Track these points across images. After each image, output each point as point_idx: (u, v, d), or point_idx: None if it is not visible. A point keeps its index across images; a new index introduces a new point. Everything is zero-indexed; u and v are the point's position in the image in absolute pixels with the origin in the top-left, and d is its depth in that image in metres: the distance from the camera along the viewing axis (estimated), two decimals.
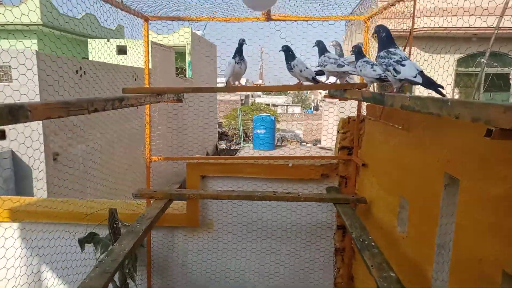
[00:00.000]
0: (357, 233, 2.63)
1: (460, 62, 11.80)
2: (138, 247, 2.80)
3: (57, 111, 1.58)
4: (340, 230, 3.82)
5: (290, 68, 2.98)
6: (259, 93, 35.31)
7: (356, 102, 3.50)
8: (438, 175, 2.12)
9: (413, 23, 2.72)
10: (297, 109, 31.40)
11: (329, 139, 16.13)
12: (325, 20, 3.41)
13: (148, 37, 3.52)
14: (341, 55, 3.15)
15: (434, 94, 1.85)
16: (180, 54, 15.56)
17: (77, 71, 8.25)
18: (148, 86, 3.44)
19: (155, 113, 3.99)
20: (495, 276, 1.59)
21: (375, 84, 2.74)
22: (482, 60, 7.98)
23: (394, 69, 1.94)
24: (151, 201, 3.42)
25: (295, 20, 3.48)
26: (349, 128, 3.71)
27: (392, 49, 2.05)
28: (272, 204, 3.75)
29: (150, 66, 3.69)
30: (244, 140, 22.26)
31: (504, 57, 11.25)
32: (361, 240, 2.52)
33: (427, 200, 2.26)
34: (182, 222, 3.80)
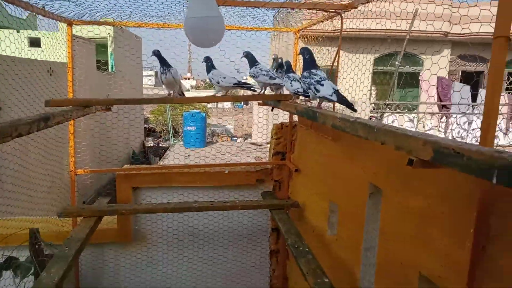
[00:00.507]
0: (292, 239, 2.78)
1: (377, 61, 12.84)
2: (68, 275, 2.64)
3: None
4: (275, 233, 3.99)
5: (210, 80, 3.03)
6: (188, 87, 34.69)
7: None
8: (364, 184, 2.34)
9: (340, 41, 2.92)
10: (227, 104, 31.43)
11: (260, 134, 16.50)
12: (257, 30, 3.49)
13: (71, 41, 3.29)
14: (281, 65, 3.27)
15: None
16: (101, 46, 14.61)
17: None
18: (72, 98, 3.22)
19: (80, 122, 3.75)
20: (413, 278, 1.83)
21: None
22: (396, 62, 8.82)
23: (315, 88, 2.28)
24: (79, 220, 3.23)
25: (229, 29, 3.51)
26: (282, 134, 3.86)
27: (313, 70, 2.38)
28: (209, 212, 3.78)
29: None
30: (174, 137, 21.74)
31: (414, 57, 12.50)
32: (296, 246, 2.67)
33: (354, 206, 2.48)
34: (112, 238, 3.65)
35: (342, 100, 2.23)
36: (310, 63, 2.47)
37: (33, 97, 7.66)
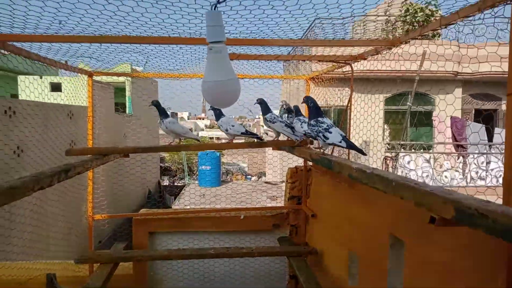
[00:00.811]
0: None
1: (388, 101, 12.91)
2: None
3: (2, 199, 1.49)
4: (293, 280, 3.87)
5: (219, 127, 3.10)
6: (203, 126, 35.27)
7: None
8: (384, 234, 2.28)
9: (351, 87, 2.97)
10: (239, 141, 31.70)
11: (274, 172, 16.44)
12: (270, 78, 3.60)
13: (92, 92, 3.43)
14: (290, 109, 3.34)
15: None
16: (119, 90, 15.17)
17: (5, 112, 7.65)
18: (92, 147, 3.32)
19: (99, 168, 3.83)
20: None
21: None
22: (408, 102, 8.85)
23: (324, 136, 2.36)
24: (95, 266, 3.21)
25: (242, 78, 3.63)
26: (297, 178, 3.85)
27: (320, 118, 2.46)
28: (225, 258, 3.71)
29: (87, 104, 3.58)
30: (189, 176, 21.84)
31: (426, 97, 12.54)
32: None
33: (375, 257, 2.41)
34: (128, 284, 3.60)
35: (351, 145, 2.31)
36: (315, 111, 2.54)
37: (54, 139, 7.90)
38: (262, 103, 3.13)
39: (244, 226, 3.73)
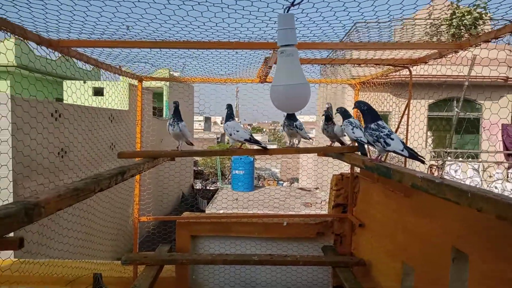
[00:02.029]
0: None
1: (431, 107, 12.44)
2: None
3: (68, 200, 1.52)
4: None
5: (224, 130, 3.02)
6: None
7: None
8: (445, 247, 2.15)
9: (410, 92, 2.86)
10: (273, 147, 31.68)
11: (308, 179, 16.24)
12: (318, 83, 3.53)
13: (141, 97, 3.51)
14: (328, 117, 3.26)
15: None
16: (157, 94, 15.60)
17: (52, 114, 8.04)
18: (140, 150, 3.38)
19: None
20: None
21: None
22: (456, 108, 8.46)
23: (385, 142, 2.26)
24: (141, 268, 3.26)
25: None
26: (343, 185, 3.75)
27: (380, 123, 2.36)
28: (267, 266, 3.66)
29: (127, 108, 3.65)
30: (222, 179, 22.04)
31: (473, 103, 11.98)
32: None
33: (434, 271, 2.28)
34: (170, 287, 3.62)
35: (413, 155, 2.21)
36: (371, 115, 2.43)
37: (95, 142, 8.19)
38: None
39: (287, 233, 3.66)
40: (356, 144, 3.02)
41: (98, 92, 14.34)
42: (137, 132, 3.54)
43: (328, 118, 3.03)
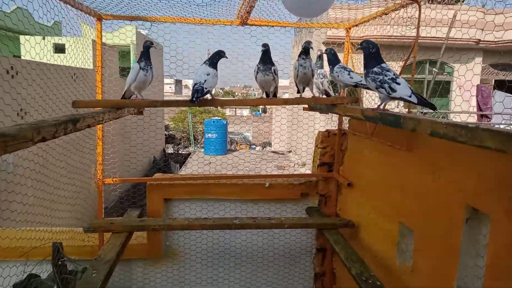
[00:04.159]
0: (356, 269, 2.31)
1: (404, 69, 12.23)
2: None
3: None
4: (320, 254, 3.52)
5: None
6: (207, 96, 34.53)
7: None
8: (457, 206, 1.86)
9: (417, 34, 2.47)
10: (245, 112, 31.13)
11: (281, 142, 16.03)
12: (305, 27, 3.07)
13: (101, 38, 2.93)
14: (320, 56, 2.87)
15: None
16: (124, 53, 14.51)
17: (7, 72, 7.14)
18: (101, 99, 2.86)
19: (109, 126, 3.39)
20: None
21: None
22: (434, 69, 8.26)
23: (390, 87, 1.93)
24: (108, 236, 2.83)
25: (272, 26, 3.11)
26: (329, 143, 3.41)
27: (384, 65, 2.01)
28: (247, 229, 3.34)
29: (92, 66, 3.09)
30: (194, 144, 21.52)
31: (444, 66, 11.89)
32: (363, 278, 2.20)
33: (440, 232, 2.00)
34: (141, 254, 3.25)
35: (423, 101, 1.93)
36: (375, 57, 2.07)
37: (57, 103, 7.41)
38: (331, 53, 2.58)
39: (269, 194, 3.33)
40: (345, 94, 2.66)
41: (59, 49, 13.13)
42: (97, 80, 2.99)
43: (307, 52, 2.54)
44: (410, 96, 1.90)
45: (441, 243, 1.98)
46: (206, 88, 2.31)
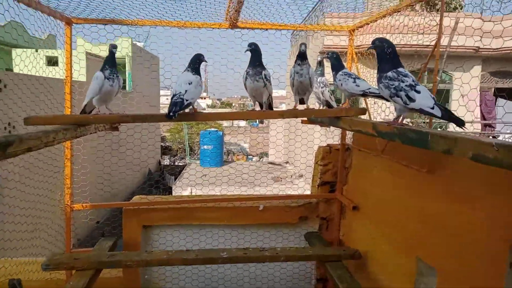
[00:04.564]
0: None
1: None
2: None
3: None
4: (320, 284, 3.07)
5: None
6: (204, 105, 34.28)
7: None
8: (498, 246, 1.44)
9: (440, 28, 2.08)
10: (242, 122, 30.76)
11: (278, 153, 15.61)
12: (303, 30, 2.69)
13: (70, 45, 2.53)
14: (321, 62, 2.49)
15: None
16: (119, 66, 14.18)
17: None
18: (68, 114, 2.44)
19: (79, 145, 2.96)
20: None
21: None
22: (438, 78, 7.92)
23: (407, 96, 1.56)
24: (72, 273, 2.38)
25: (266, 29, 2.72)
26: (331, 159, 2.99)
27: (401, 70, 1.64)
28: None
29: (85, 79, 2.68)
30: (190, 155, 21.08)
31: (443, 74, 11.58)
32: None
33: (475, 276, 1.58)
34: None
35: (449, 115, 1.51)
36: (393, 59, 1.68)
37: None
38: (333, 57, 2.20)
39: (263, 218, 2.89)
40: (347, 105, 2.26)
41: (52, 61, 12.77)
42: (66, 93, 2.58)
43: (303, 56, 2.13)
44: (432, 108, 1.49)
45: (470, 284, 1.56)
46: (187, 100, 1.89)
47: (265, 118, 2.18)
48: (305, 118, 2.63)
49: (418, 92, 1.55)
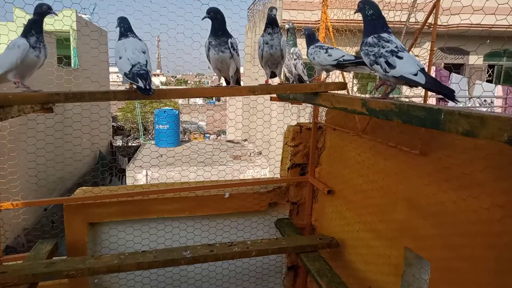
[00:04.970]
0: None
1: (358, 53, 11.98)
2: None
3: None
4: (291, 272, 2.86)
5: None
6: (158, 83, 32.76)
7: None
8: (504, 239, 1.25)
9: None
10: (199, 100, 29.87)
11: (237, 130, 15.29)
12: None
13: None
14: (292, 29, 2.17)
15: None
16: (63, 40, 12.81)
17: None
18: None
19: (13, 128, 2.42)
20: None
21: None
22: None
23: (387, 62, 1.37)
24: None
25: None
26: (302, 140, 2.71)
27: (384, 35, 1.44)
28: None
29: None
30: (144, 135, 20.14)
31: None
32: None
33: (473, 267, 1.38)
34: None
35: (435, 84, 1.31)
36: (377, 23, 1.48)
37: None
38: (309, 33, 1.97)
39: (229, 207, 2.57)
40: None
41: None
42: None
43: (274, 22, 1.81)
44: (415, 75, 1.29)
45: (469, 279, 1.37)
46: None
47: (234, 95, 1.83)
48: (275, 95, 2.31)
49: (401, 58, 1.34)
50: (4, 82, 1.61)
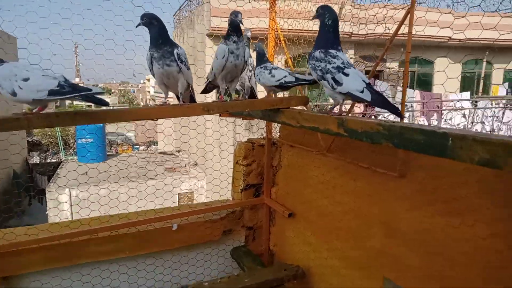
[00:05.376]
0: None
1: (296, 62, 12.23)
2: None
3: None
4: None
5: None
6: None
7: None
8: (500, 272, 1.13)
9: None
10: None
11: (169, 140, 14.61)
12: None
13: None
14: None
15: None
16: None
17: None
18: None
19: None
20: None
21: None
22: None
23: (334, 79, 1.34)
24: None
25: None
26: (255, 158, 2.46)
27: (332, 51, 1.39)
28: None
29: None
30: (65, 149, 18.31)
31: None
32: None
33: None
34: None
35: (380, 100, 1.29)
36: (330, 36, 1.41)
37: None
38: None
39: (179, 240, 2.22)
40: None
41: None
42: None
43: (239, 30, 1.54)
44: (362, 92, 1.26)
45: None
46: None
47: (185, 115, 1.51)
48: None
49: (347, 75, 1.32)
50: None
